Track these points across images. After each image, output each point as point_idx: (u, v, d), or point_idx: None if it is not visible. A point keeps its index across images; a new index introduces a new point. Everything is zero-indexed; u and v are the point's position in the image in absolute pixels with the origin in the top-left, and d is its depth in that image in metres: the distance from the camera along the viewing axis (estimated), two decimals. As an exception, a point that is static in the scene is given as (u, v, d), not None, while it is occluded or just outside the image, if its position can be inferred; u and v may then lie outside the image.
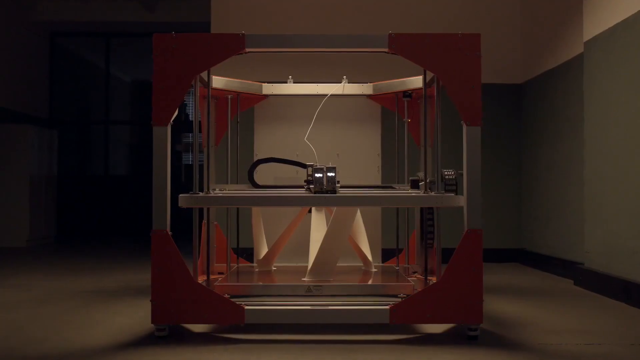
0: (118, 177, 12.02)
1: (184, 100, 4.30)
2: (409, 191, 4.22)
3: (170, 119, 3.51)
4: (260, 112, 4.86)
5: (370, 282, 4.02)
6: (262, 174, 4.73)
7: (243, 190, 4.36)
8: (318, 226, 4.23)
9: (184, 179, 11.81)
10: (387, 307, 3.47)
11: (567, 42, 6.17)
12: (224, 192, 4.22)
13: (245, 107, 4.82)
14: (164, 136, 3.49)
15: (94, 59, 12.08)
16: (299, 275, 4.10)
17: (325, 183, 3.46)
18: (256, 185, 4.29)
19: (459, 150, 3.57)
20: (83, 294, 5.03)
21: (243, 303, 3.52)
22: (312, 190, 3.49)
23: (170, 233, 3.50)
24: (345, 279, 4.09)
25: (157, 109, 3.51)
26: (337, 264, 4.07)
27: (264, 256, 4.48)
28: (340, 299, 3.85)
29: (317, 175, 3.46)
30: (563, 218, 6.02)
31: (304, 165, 3.91)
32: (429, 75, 4.06)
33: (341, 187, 3.87)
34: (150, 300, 3.48)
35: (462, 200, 3.54)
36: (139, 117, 12.34)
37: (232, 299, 3.48)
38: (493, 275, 5.96)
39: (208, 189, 3.82)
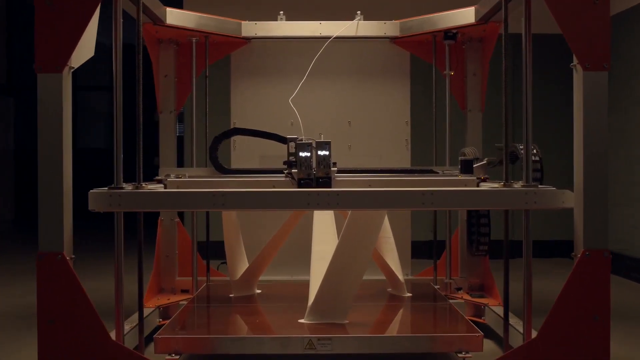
0: (90, 150, 10.84)
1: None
2: (460, 177, 2.94)
3: (67, 60, 2.06)
4: (240, 62, 3.87)
5: (409, 332, 2.57)
6: (244, 152, 3.85)
7: (205, 178, 3.12)
8: (323, 233, 2.83)
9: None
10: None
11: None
12: (177, 180, 2.79)
13: (217, 55, 3.79)
14: (55, 89, 2.07)
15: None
16: (296, 310, 2.71)
17: (314, 166, 2.58)
18: (222, 170, 3.28)
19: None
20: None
21: (198, 375, 2.06)
22: (295, 178, 2.61)
23: (70, 257, 2.04)
24: (367, 320, 2.66)
25: (42, 44, 2.04)
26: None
27: (243, 275, 3.08)
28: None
29: (302, 154, 2.59)
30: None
31: (282, 140, 3.00)
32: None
33: (357, 172, 3.06)
34: (37, 375, 2.02)
35: (571, 198, 2.11)
36: (110, 82, 11.10)
37: None
38: (546, 278, 4.95)
39: (140, 180, 2.31)
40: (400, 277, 3.07)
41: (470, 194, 2.20)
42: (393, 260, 3.06)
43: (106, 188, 2.19)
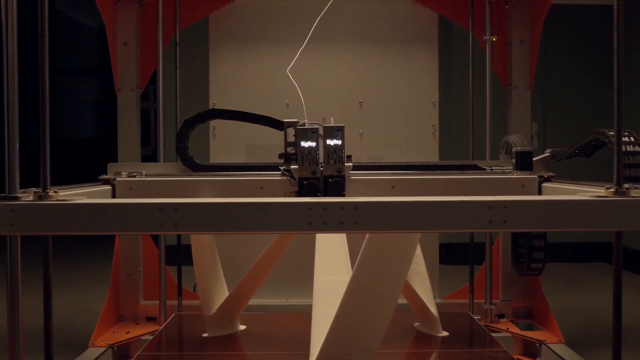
0: (68, 141, 10.56)
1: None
2: (516, 175, 2.43)
3: None
4: (220, 27, 3.48)
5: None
6: (226, 141, 3.43)
7: (168, 177, 2.53)
8: (331, 256, 2.12)
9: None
10: None
11: None
12: (129, 180, 2.08)
13: (192, 18, 3.37)
14: None
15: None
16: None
17: (321, 161, 2.26)
18: (193, 167, 2.79)
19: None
20: None
21: None
22: (295, 177, 2.30)
23: None
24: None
25: None
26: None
27: (221, 308, 2.41)
28: None
29: (304, 144, 2.27)
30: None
31: (277, 124, 2.64)
32: None
33: (371, 168, 2.64)
34: None
35: None
36: (99, 66, 10.94)
37: None
38: (589, 291, 4.37)
39: (46, 184, 1.54)
40: (434, 310, 2.33)
41: (566, 208, 1.42)
42: (424, 288, 2.32)
43: (-7, 198, 1.41)
